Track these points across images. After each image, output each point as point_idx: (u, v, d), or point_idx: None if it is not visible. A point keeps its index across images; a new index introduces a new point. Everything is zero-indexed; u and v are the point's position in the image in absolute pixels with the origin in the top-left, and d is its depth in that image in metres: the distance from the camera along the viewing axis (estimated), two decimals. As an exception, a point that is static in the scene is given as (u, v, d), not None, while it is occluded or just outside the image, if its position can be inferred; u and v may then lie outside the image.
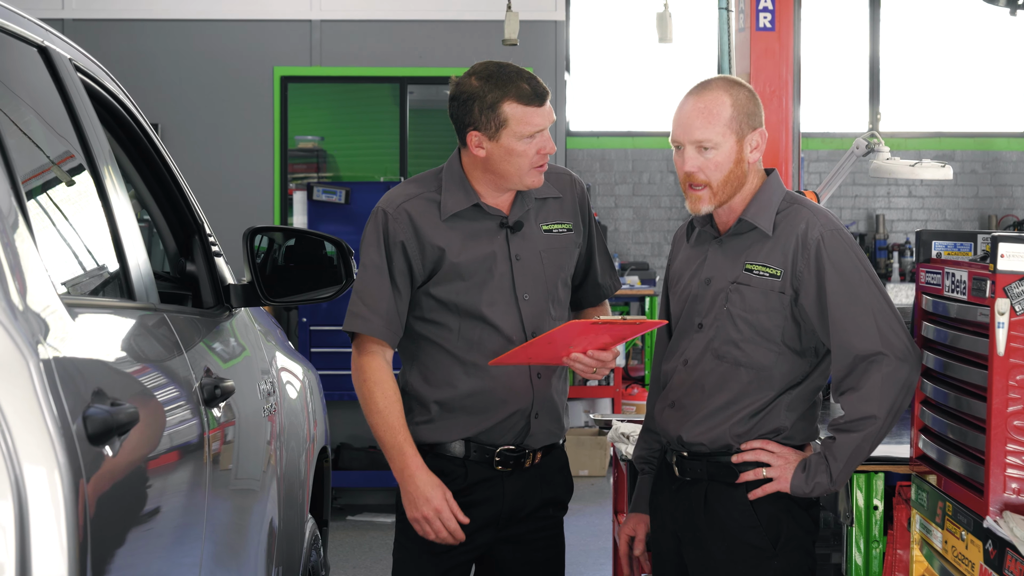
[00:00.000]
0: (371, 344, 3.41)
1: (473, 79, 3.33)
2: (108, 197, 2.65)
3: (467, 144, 3.37)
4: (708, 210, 3.24)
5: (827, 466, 3.16)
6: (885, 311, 3.15)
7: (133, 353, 2.51)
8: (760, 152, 3.26)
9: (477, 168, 3.40)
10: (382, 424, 3.40)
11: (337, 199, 8.12)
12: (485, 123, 3.32)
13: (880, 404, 3.10)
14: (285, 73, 8.23)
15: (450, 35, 8.12)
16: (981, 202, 12.63)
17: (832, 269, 3.16)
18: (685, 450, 3.31)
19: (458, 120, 3.38)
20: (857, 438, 3.13)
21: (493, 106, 3.30)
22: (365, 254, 3.43)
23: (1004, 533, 2.73)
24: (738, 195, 3.26)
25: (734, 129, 3.20)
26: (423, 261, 3.40)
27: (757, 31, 7.08)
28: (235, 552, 3.05)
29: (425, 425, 3.45)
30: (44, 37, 2.63)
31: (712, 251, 3.32)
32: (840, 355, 3.16)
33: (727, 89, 3.23)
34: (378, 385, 3.40)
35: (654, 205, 12.62)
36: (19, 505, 1.86)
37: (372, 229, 3.42)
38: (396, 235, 3.39)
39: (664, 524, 3.40)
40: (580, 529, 7.65)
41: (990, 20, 12.45)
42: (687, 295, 3.34)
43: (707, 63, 12.28)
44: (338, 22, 8.27)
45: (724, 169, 3.21)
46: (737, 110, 3.20)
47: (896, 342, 3.12)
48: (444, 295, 3.41)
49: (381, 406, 3.39)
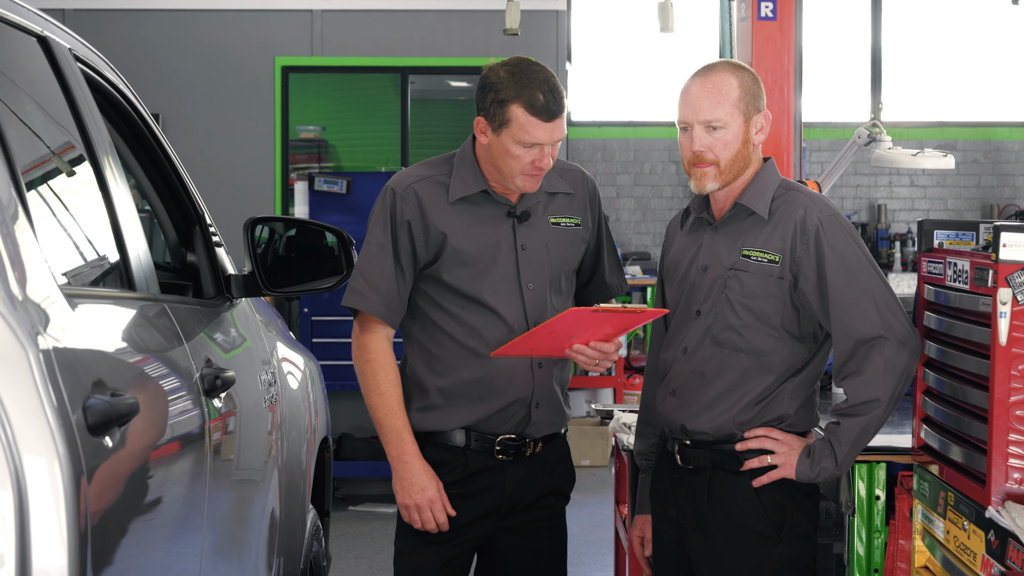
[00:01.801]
0: (373, 323, 3.41)
1: (502, 70, 3.34)
2: (108, 187, 2.65)
3: (475, 127, 3.40)
4: (713, 188, 3.25)
5: (832, 451, 3.18)
6: (885, 295, 3.17)
7: (133, 343, 2.50)
8: (764, 135, 3.28)
9: (482, 157, 3.42)
10: (382, 406, 3.40)
11: (338, 189, 8.12)
12: (491, 115, 3.33)
13: (883, 387, 3.12)
14: (286, 63, 8.23)
15: (451, 25, 8.10)
16: (983, 191, 12.62)
17: (832, 254, 3.17)
18: (688, 438, 3.31)
19: (476, 103, 3.39)
20: (861, 422, 3.14)
21: (503, 103, 3.30)
22: (371, 232, 3.43)
23: (1006, 523, 2.72)
24: (738, 179, 3.27)
25: (741, 110, 3.23)
26: (426, 244, 3.40)
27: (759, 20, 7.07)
28: (236, 543, 3.05)
29: (425, 412, 3.45)
30: (43, 27, 2.63)
31: (708, 238, 3.33)
32: (841, 339, 3.17)
33: (733, 71, 3.26)
34: (380, 367, 3.40)
35: (656, 195, 12.61)
36: (19, 496, 1.86)
37: (380, 208, 3.42)
38: (403, 215, 3.39)
39: (666, 513, 3.40)
40: (582, 519, 7.65)
41: (991, 9, 12.43)
42: (684, 283, 3.34)
43: (709, 53, 12.26)
44: (339, 12, 8.26)
45: (732, 149, 3.24)
46: (744, 91, 3.24)
47: (897, 326, 3.14)
48: (448, 280, 3.41)
49: (383, 388, 3.40)
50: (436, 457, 3.43)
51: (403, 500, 3.39)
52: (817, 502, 3.34)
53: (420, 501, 3.36)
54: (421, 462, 3.38)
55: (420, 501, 3.36)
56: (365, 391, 3.43)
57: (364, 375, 3.42)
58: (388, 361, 3.42)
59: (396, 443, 3.39)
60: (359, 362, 3.43)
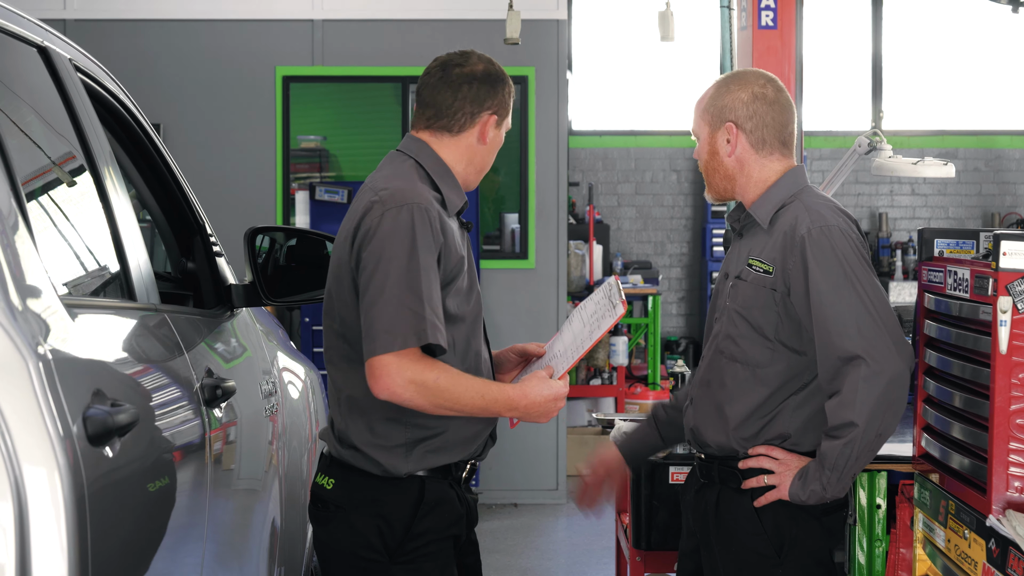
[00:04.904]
0: (426, 355, 2.96)
1: (480, 65, 3.15)
2: (108, 197, 2.65)
3: (472, 129, 3.15)
4: (710, 198, 3.36)
5: (820, 474, 3.10)
6: (867, 312, 3.07)
7: (134, 354, 2.50)
8: (733, 147, 3.24)
9: (462, 161, 3.17)
10: (481, 406, 3.02)
11: (339, 199, 8.12)
12: (504, 107, 3.17)
13: (859, 410, 3.02)
14: (287, 73, 8.23)
15: (452, 34, 8.11)
16: (984, 200, 12.62)
17: (816, 267, 3.11)
18: (702, 451, 3.31)
19: (476, 103, 3.14)
20: (839, 445, 3.05)
21: (511, 93, 3.20)
22: (419, 255, 2.94)
23: (1007, 532, 2.72)
24: (747, 191, 3.27)
25: (707, 120, 3.28)
26: (445, 268, 3.04)
27: (759, 29, 7.08)
28: (237, 552, 3.04)
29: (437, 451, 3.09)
30: (44, 37, 2.63)
31: (734, 245, 3.36)
32: (823, 356, 3.10)
33: (720, 82, 3.30)
34: (457, 384, 2.96)
35: (657, 204, 12.62)
36: (19, 506, 1.86)
37: (423, 228, 2.96)
38: (438, 237, 3.00)
39: (687, 522, 3.41)
40: (583, 529, 7.64)
41: (992, 18, 12.44)
42: (716, 291, 3.37)
43: (709, 62, 12.27)
44: (340, 22, 8.27)
45: (702, 159, 3.32)
46: (711, 102, 3.28)
47: (879, 347, 3.04)
48: (450, 306, 3.05)
49: (477, 400, 3.00)
50: (440, 494, 3.11)
51: (547, 418, 3.13)
52: (833, 523, 3.24)
53: (554, 407, 3.11)
54: (521, 387, 3.08)
55: (554, 407, 3.11)
56: (460, 414, 3.03)
57: (449, 408, 2.98)
58: (456, 372, 2.99)
59: (504, 400, 3.04)
60: (438, 400, 2.94)
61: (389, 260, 2.93)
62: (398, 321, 2.89)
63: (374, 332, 2.90)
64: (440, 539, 3.10)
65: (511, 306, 8.17)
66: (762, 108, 3.24)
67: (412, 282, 2.92)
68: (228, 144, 8.25)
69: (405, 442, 3.05)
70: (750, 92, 3.24)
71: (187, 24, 8.28)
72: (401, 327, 2.89)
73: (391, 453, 3.05)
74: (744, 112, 3.24)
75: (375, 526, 3.05)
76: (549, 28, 8.25)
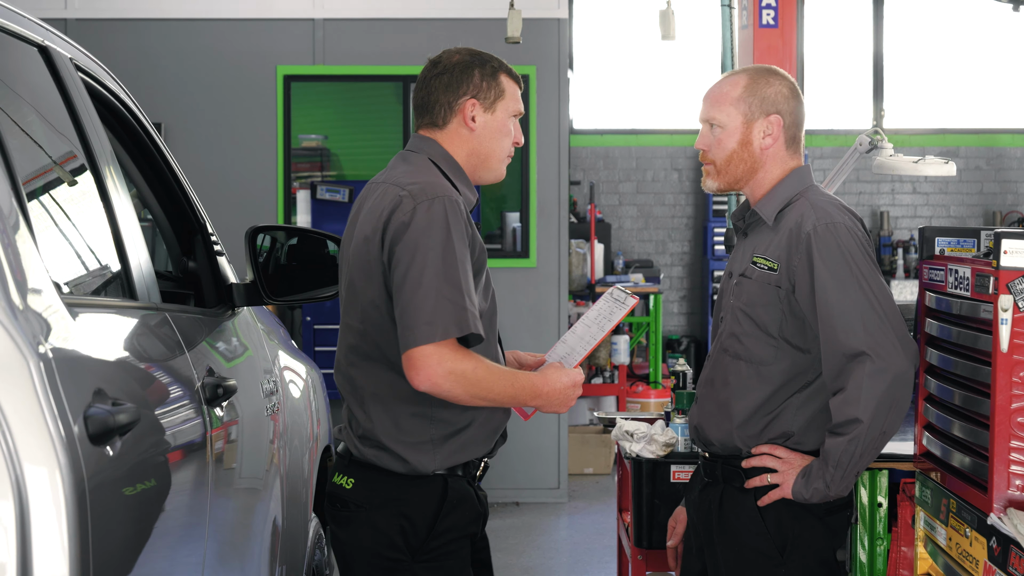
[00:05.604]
0: (461, 346, 2.96)
1: (464, 52, 3.17)
2: (109, 196, 2.65)
3: (455, 117, 3.14)
4: (713, 188, 3.29)
5: (824, 472, 3.11)
6: (873, 309, 3.08)
7: (135, 353, 2.50)
8: (773, 139, 3.24)
9: (460, 152, 3.16)
10: (511, 394, 3.03)
11: (340, 198, 8.12)
12: (485, 90, 3.14)
13: (864, 407, 3.03)
14: (288, 72, 8.22)
15: (453, 33, 8.10)
16: (985, 198, 12.62)
17: (821, 264, 3.11)
18: (706, 450, 3.31)
19: (450, 91, 3.13)
20: (843, 442, 3.06)
21: (494, 73, 3.15)
22: (454, 248, 2.94)
23: (1008, 530, 2.72)
24: (759, 186, 3.26)
25: (742, 110, 3.23)
26: (473, 260, 3.04)
27: (760, 28, 7.08)
28: (239, 551, 3.04)
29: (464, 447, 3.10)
30: (44, 36, 2.63)
31: (739, 244, 3.36)
32: (828, 353, 3.11)
33: (754, 73, 3.27)
34: (490, 374, 2.97)
35: (658, 203, 12.61)
36: (20, 506, 1.86)
37: (456, 220, 2.97)
38: (469, 229, 3.02)
39: (691, 519, 3.42)
40: (585, 527, 7.65)
41: (993, 16, 12.44)
42: (720, 290, 3.36)
43: (710, 60, 12.27)
44: (341, 21, 8.26)
45: (727, 149, 3.25)
46: (750, 92, 3.23)
47: (885, 344, 3.05)
48: (478, 300, 3.04)
49: (508, 389, 3.01)
50: (462, 492, 3.10)
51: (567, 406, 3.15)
52: (837, 522, 3.25)
53: (573, 394, 3.13)
54: (542, 376, 3.10)
55: (573, 394, 3.13)
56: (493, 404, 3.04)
57: (484, 398, 2.98)
58: (488, 361, 2.99)
59: (530, 389, 3.05)
60: (475, 391, 2.94)
61: (426, 252, 2.93)
62: (438, 312, 2.89)
63: (413, 323, 2.90)
64: (461, 537, 3.10)
65: (512, 305, 8.17)
66: (798, 105, 3.27)
67: (449, 273, 2.92)
68: (229, 143, 8.25)
69: (431, 438, 3.05)
70: (788, 87, 3.25)
71: (188, 23, 8.28)
72: (441, 318, 2.89)
73: (418, 449, 3.05)
74: (787, 107, 3.25)
75: (398, 525, 3.05)
76: (550, 27, 8.25)
